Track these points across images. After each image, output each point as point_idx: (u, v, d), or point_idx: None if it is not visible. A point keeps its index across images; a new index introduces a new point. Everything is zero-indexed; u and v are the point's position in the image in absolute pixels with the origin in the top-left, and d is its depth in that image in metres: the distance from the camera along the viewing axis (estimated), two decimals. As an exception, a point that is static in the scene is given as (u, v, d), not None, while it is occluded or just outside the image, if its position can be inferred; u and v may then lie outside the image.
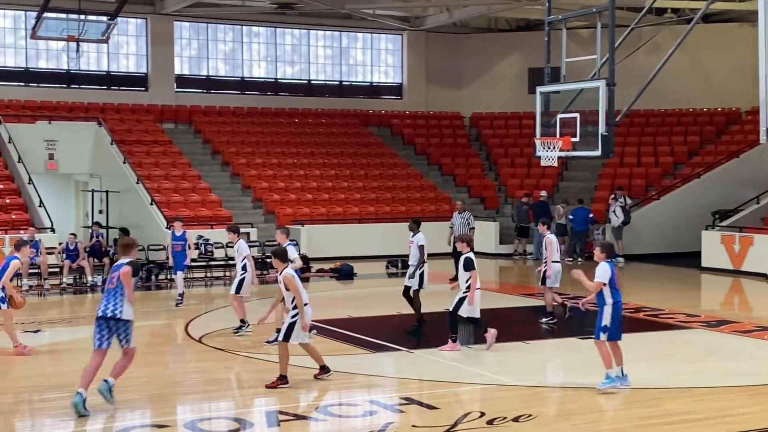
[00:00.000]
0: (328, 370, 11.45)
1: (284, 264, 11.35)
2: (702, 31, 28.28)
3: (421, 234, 14.94)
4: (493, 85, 33.57)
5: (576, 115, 15.40)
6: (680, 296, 19.64)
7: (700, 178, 26.94)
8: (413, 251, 14.85)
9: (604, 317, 10.67)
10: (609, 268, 10.71)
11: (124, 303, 10.34)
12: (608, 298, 10.67)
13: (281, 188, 27.20)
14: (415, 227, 15.08)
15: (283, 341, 11.13)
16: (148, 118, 29.31)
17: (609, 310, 10.66)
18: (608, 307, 10.66)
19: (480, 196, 29.56)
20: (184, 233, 18.01)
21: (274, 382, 11.09)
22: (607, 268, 10.70)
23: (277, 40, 32.42)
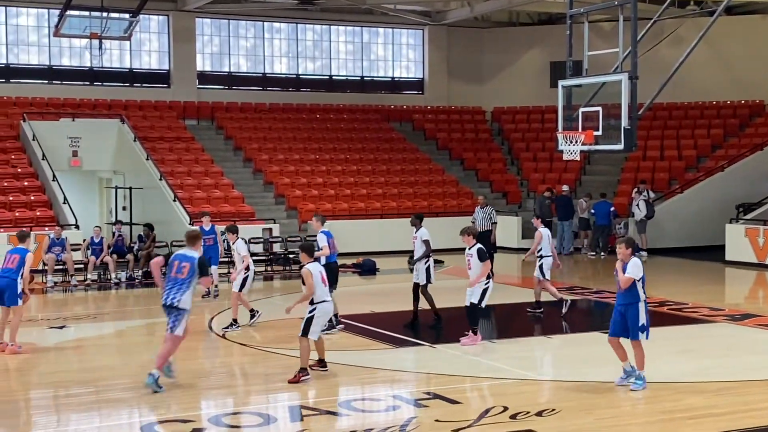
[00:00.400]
0: (325, 366, 11.53)
1: (309, 258, 11.40)
2: (725, 23, 28.06)
3: (425, 229, 14.98)
4: (514, 80, 33.47)
5: (598, 108, 15.33)
6: (704, 290, 19.53)
7: (724, 171, 26.76)
8: (417, 246, 14.87)
9: (640, 315, 10.44)
10: (641, 264, 10.53)
11: (186, 293, 10.76)
12: (642, 294, 10.46)
13: (303, 184, 27.26)
14: (418, 222, 15.12)
15: (302, 336, 11.18)
16: (171, 115, 29.46)
17: (643, 306, 10.46)
18: (642, 304, 10.46)
19: (502, 191, 29.50)
20: (213, 227, 18.42)
21: (295, 376, 11.14)
22: (639, 264, 10.49)
23: (298, 35, 32.48)
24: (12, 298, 12.91)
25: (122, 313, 17.70)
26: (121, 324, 16.26)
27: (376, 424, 9.55)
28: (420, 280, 14.90)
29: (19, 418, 10.14)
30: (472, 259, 12.99)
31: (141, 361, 12.86)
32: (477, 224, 21.17)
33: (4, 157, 25.18)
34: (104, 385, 11.30)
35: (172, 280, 10.80)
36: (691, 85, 28.62)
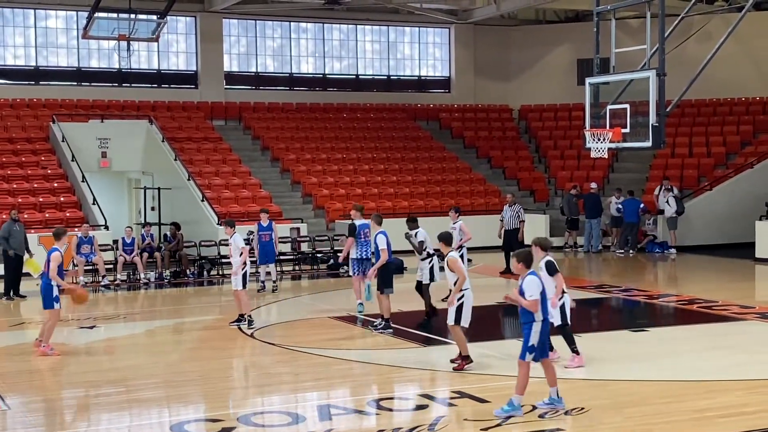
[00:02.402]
0: (470, 361, 11.64)
1: (449, 247, 11.68)
2: (754, 18, 27.79)
3: (422, 229, 15.04)
4: (541, 77, 33.34)
5: (626, 106, 15.26)
6: (734, 287, 19.37)
7: (754, 168, 26.51)
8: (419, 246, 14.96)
9: (532, 336, 9.39)
10: (538, 280, 9.45)
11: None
12: (538, 314, 9.38)
13: (330, 183, 27.32)
14: (413, 224, 15.18)
15: (454, 324, 11.48)
16: (199, 116, 29.62)
17: (537, 327, 9.39)
18: (537, 324, 9.39)
19: (529, 189, 29.41)
20: (270, 223, 18.83)
21: (459, 364, 11.54)
22: (535, 281, 9.41)
23: (324, 35, 32.54)
24: (45, 301, 12.97)
25: (151, 312, 17.83)
26: (151, 324, 16.38)
27: (404, 423, 9.56)
28: (424, 279, 14.98)
29: (51, 418, 10.25)
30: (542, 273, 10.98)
31: (170, 361, 12.97)
32: (505, 222, 21.16)
33: (34, 158, 25.44)
34: (134, 384, 11.39)
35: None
36: (720, 81, 28.38)
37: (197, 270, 21.45)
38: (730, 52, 25.06)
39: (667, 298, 17.89)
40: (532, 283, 9.44)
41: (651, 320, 16.10)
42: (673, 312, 16.81)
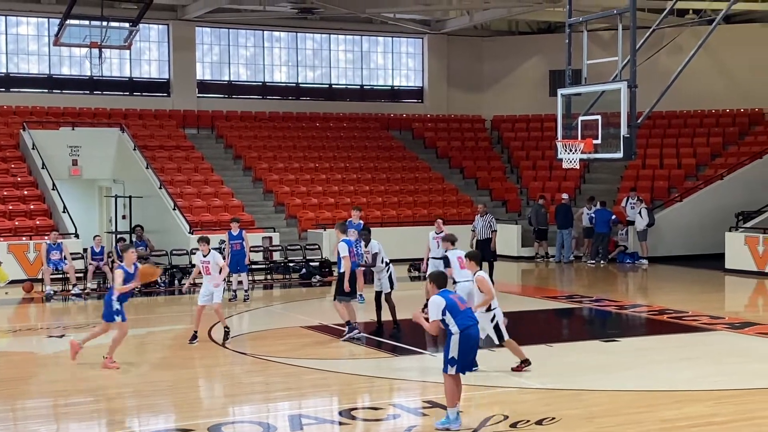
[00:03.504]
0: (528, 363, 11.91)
1: (477, 266, 11.80)
2: (724, 31, 28.10)
3: (375, 241, 15.27)
4: (514, 88, 33.50)
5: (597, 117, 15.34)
6: (704, 298, 19.52)
7: (723, 180, 26.76)
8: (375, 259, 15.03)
9: (451, 348, 9.45)
10: (441, 299, 9.48)
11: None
12: (452, 327, 9.42)
13: (303, 192, 27.27)
14: (368, 235, 15.27)
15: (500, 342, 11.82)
16: (171, 124, 29.48)
17: (455, 339, 9.42)
18: (455, 336, 9.43)
19: (502, 199, 29.51)
20: (241, 232, 18.84)
21: (518, 366, 11.80)
22: (436, 302, 9.48)
23: (298, 44, 32.51)
24: (105, 313, 12.88)
25: (122, 321, 17.66)
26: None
27: (376, 432, 9.53)
28: (384, 289, 15.01)
29: (18, 428, 10.12)
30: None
31: (140, 370, 12.85)
32: (477, 232, 21.23)
33: (4, 166, 25.19)
34: (104, 394, 11.28)
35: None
36: (690, 93, 28.64)
37: (168, 279, 21.30)
38: (701, 64, 25.32)
39: (637, 309, 18.00)
40: (432, 304, 9.54)
41: (622, 330, 16.18)
42: (643, 322, 16.91)
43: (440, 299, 9.47)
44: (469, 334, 9.44)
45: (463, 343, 9.40)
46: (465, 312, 9.53)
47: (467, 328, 9.43)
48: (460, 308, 9.49)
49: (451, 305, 9.45)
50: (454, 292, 9.91)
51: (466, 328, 9.42)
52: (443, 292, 9.58)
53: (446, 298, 9.49)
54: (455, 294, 9.82)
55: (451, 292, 9.74)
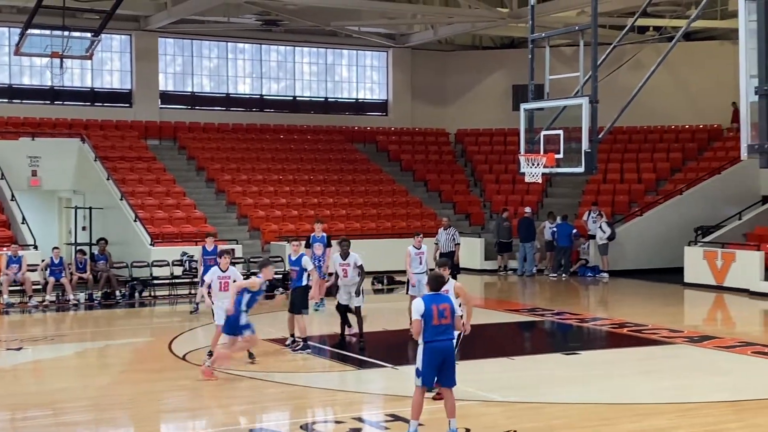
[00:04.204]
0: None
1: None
2: (684, 49, 28.48)
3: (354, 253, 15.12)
4: (477, 102, 33.69)
5: (560, 131, 15.44)
6: (664, 312, 19.70)
7: (683, 195, 27.07)
8: (351, 273, 14.92)
9: (417, 359, 9.40)
10: (421, 305, 9.31)
11: None
12: (421, 337, 9.32)
13: (266, 204, 27.17)
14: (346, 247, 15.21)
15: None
16: (132, 135, 29.25)
17: (420, 350, 9.33)
18: (420, 347, 9.34)
19: (465, 212, 29.61)
20: (215, 248, 18.51)
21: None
22: (417, 305, 9.36)
23: (262, 56, 32.46)
24: (239, 328, 12.68)
25: (80, 334, 17.48)
26: (80, 346, 16.05)
27: (337, 446, 9.49)
28: (355, 302, 14.91)
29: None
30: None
31: (99, 383, 12.71)
32: (440, 245, 21.25)
33: (-38, 176, 24.85)
34: (62, 408, 11.14)
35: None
36: (651, 109, 28.94)
37: (128, 291, 21.10)
38: (661, 81, 25.60)
39: (598, 322, 18.12)
40: (413, 305, 9.46)
41: (583, 343, 16.27)
42: (604, 335, 17.02)
43: (421, 304, 9.30)
44: (434, 348, 9.26)
45: (427, 355, 9.29)
46: (438, 327, 9.27)
47: (433, 342, 9.30)
48: (434, 322, 9.28)
49: (427, 314, 9.25)
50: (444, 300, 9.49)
51: (431, 341, 9.29)
52: (428, 298, 9.40)
53: (426, 306, 9.28)
54: (444, 304, 9.40)
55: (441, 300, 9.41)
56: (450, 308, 9.39)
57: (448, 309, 9.36)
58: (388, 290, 22.79)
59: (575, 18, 26.97)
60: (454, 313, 9.45)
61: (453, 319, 9.40)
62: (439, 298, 9.40)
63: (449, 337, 9.36)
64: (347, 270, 14.92)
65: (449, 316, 9.32)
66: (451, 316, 9.35)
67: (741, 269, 22.17)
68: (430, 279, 9.64)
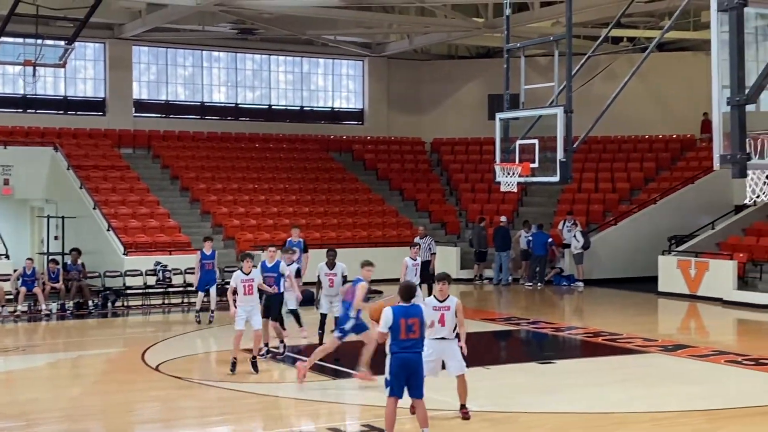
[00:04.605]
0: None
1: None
2: (657, 59, 28.69)
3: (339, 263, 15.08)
4: (453, 111, 33.75)
5: (535, 141, 15.50)
6: (638, 320, 19.79)
7: (657, 204, 27.24)
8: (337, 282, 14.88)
9: (386, 370, 9.45)
10: (390, 316, 9.29)
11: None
12: (387, 347, 9.37)
13: (241, 213, 27.05)
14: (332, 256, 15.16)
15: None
16: (106, 143, 29.05)
17: (388, 360, 9.39)
18: (388, 357, 9.41)
19: (441, 221, 29.63)
20: (214, 252, 18.54)
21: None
22: (386, 315, 9.34)
23: (237, 65, 32.36)
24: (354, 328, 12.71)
25: (53, 345, 17.31)
26: (52, 356, 15.89)
27: (312, 457, 9.43)
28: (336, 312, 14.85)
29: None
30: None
31: (71, 394, 12.58)
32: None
33: (-68, 184, 24.58)
34: (34, 419, 11.01)
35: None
36: (625, 119, 29.12)
37: (101, 301, 20.93)
38: (635, 91, 25.75)
39: (573, 331, 18.17)
40: (382, 315, 9.41)
41: (558, 352, 16.31)
42: (579, 344, 17.07)
43: (390, 317, 9.27)
44: (400, 359, 9.26)
45: (393, 367, 9.29)
46: (405, 341, 9.25)
47: (399, 353, 9.27)
48: (401, 336, 9.26)
49: (395, 327, 9.26)
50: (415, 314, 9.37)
51: (397, 353, 9.28)
52: (398, 310, 9.33)
53: (395, 319, 9.26)
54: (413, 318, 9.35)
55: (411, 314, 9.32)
56: (419, 322, 9.35)
57: (417, 323, 9.32)
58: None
59: (550, 28, 27.11)
60: (423, 325, 9.42)
61: (422, 332, 9.38)
62: (409, 310, 9.34)
63: (416, 350, 9.36)
64: (333, 280, 14.88)
65: (417, 331, 9.29)
66: (420, 329, 9.31)
67: (714, 278, 22.32)
68: (402, 289, 9.56)
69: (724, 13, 7.92)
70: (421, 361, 9.41)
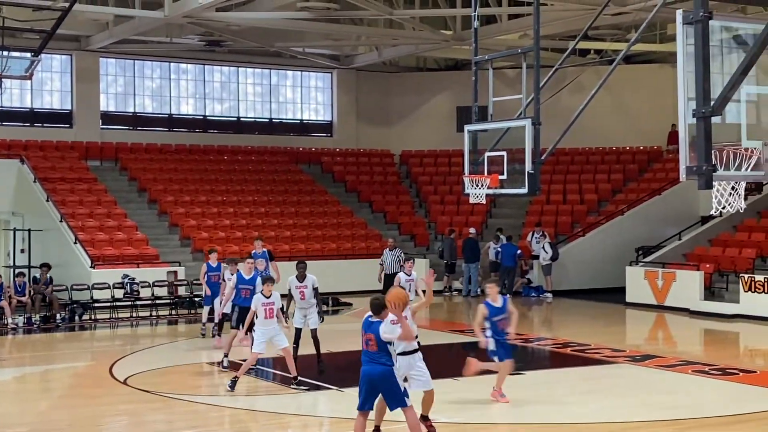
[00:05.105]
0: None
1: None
2: (624, 71, 28.97)
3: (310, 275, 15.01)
4: (422, 123, 33.86)
5: (503, 153, 15.56)
6: (606, 331, 19.91)
7: (624, 215, 27.46)
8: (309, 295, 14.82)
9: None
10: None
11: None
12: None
13: (210, 226, 26.92)
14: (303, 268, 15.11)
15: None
16: (73, 156, 28.82)
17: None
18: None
19: (410, 233, 29.67)
20: (219, 264, 18.08)
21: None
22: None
23: (205, 77, 32.26)
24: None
25: (20, 359, 17.10)
26: (19, 370, 15.69)
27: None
28: (312, 325, 14.77)
29: None
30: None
31: (38, 409, 12.43)
32: (386, 266, 21.27)
33: None
34: (-2, 435, 10.86)
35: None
36: (592, 131, 29.37)
37: (68, 315, 20.73)
38: (602, 103, 25.97)
39: (542, 342, 18.24)
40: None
41: (527, 363, 16.32)
42: (548, 355, 17.13)
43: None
44: (362, 371, 9.30)
45: (360, 378, 9.31)
46: (367, 353, 9.26)
47: (363, 365, 9.31)
48: (363, 347, 9.28)
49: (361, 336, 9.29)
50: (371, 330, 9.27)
51: (362, 365, 9.33)
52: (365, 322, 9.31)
53: (362, 328, 9.27)
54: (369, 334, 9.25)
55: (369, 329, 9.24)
56: (375, 339, 9.25)
57: (372, 340, 9.26)
58: (333, 312, 22.68)
59: (518, 41, 27.30)
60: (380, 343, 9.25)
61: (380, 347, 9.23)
62: (370, 326, 9.30)
63: (380, 362, 9.25)
64: (304, 292, 14.78)
65: (374, 345, 9.23)
66: (377, 344, 9.22)
67: (681, 289, 22.52)
68: (370, 304, 9.55)
69: (690, 26, 8.01)
70: (381, 374, 9.26)
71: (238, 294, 15.39)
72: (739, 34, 8.45)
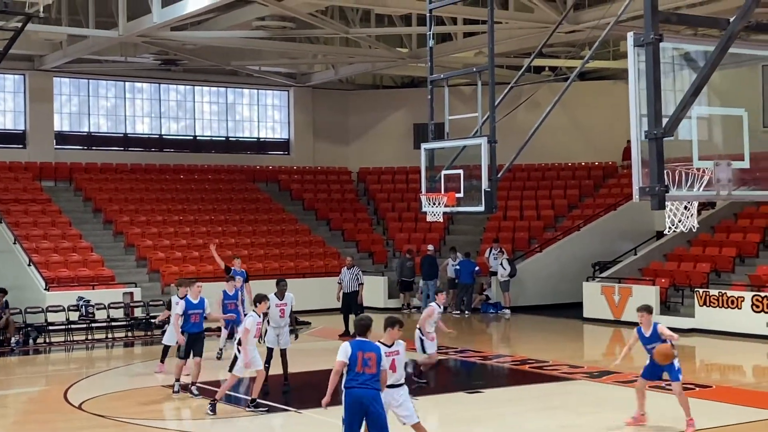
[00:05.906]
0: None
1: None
2: (579, 88, 29.25)
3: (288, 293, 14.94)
4: (379, 141, 33.90)
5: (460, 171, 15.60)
6: (564, 347, 20.00)
7: (580, 231, 27.66)
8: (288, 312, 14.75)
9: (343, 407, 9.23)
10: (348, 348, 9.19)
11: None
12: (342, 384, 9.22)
13: (166, 246, 26.67)
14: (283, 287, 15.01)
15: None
16: (26, 176, 28.43)
17: (343, 396, 9.18)
18: (342, 393, 9.20)
19: (368, 251, 29.63)
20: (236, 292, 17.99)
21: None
22: (344, 347, 9.23)
23: (161, 95, 32.03)
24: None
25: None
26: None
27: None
28: (284, 344, 14.67)
29: None
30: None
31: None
32: (344, 284, 21.22)
33: None
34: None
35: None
36: (548, 147, 29.57)
37: (22, 338, 20.38)
38: (558, 120, 26.23)
39: (501, 359, 18.28)
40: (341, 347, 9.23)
41: (485, 381, 16.37)
42: (506, 372, 17.17)
43: (348, 348, 9.13)
44: (353, 394, 9.07)
45: (347, 402, 9.08)
46: (360, 375, 9.07)
47: (353, 388, 9.09)
48: (357, 369, 9.09)
49: (351, 359, 9.09)
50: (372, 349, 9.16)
51: (351, 388, 9.10)
52: (355, 343, 9.20)
53: (353, 351, 9.12)
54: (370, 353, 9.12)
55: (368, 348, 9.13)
56: (376, 358, 9.14)
57: (373, 358, 9.13)
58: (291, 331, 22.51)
59: (473, 58, 27.48)
60: (380, 364, 9.18)
61: (378, 371, 9.15)
62: (366, 345, 9.21)
63: (372, 386, 9.12)
64: (284, 310, 14.70)
65: (374, 366, 9.11)
66: (376, 366, 9.13)
67: (638, 303, 22.48)
68: (355, 324, 9.49)
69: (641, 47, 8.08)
70: (375, 398, 9.12)
71: (187, 320, 14.44)
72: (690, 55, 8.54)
